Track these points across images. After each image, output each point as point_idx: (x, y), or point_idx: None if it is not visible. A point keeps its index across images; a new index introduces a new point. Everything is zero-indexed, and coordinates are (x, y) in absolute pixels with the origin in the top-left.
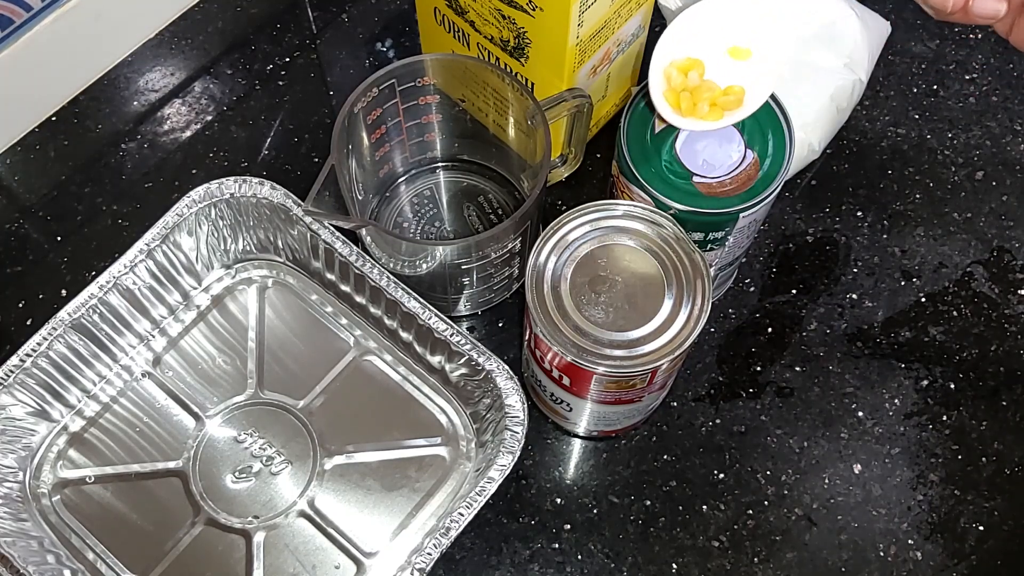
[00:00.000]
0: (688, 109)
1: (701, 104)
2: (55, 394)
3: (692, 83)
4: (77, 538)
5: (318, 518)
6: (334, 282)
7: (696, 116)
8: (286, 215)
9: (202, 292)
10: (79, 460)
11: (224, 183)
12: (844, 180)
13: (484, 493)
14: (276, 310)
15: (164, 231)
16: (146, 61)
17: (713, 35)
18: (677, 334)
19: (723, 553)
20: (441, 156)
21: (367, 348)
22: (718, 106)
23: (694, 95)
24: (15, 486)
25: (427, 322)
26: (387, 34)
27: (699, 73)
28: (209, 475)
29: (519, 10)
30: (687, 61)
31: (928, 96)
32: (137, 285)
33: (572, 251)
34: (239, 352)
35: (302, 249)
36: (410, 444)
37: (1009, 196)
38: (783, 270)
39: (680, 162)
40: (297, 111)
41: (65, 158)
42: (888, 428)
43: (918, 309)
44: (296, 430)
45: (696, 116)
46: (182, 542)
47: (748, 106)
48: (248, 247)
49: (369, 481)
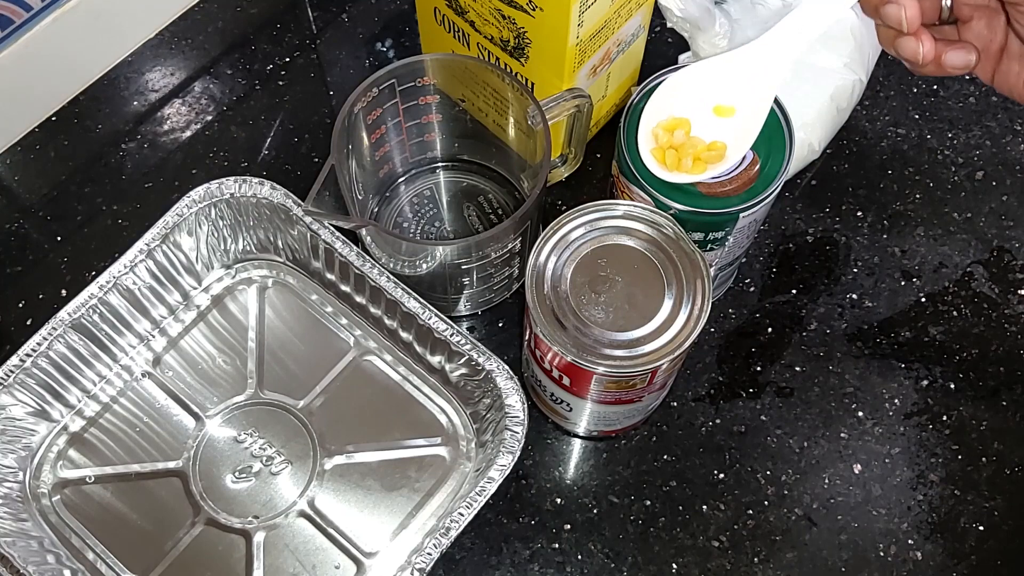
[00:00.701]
0: (673, 164)
1: (685, 160)
2: (55, 394)
3: (678, 141)
4: (77, 538)
5: (318, 518)
6: (334, 282)
7: (681, 170)
8: (286, 215)
9: (202, 292)
10: (79, 460)
11: (224, 183)
12: (844, 180)
13: (484, 493)
14: (276, 310)
15: (164, 231)
16: (146, 61)
17: (700, 95)
18: (677, 334)
19: (723, 553)
20: (441, 156)
21: (367, 348)
22: (702, 160)
23: (679, 152)
24: (15, 486)
25: (427, 322)
26: (387, 34)
27: (684, 131)
28: (209, 475)
29: (519, 10)
30: (672, 121)
31: (928, 96)
32: (137, 285)
33: (572, 251)
34: (239, 352)
35: (302, 249)
36: (410, 444)
37: (1009, 196)
38: (783, 270)
39: None
40: (297, 111)
41: (65, 158)
42: (888, 428)
43: (918, 309)
44: (296, 430)
45: (681, 170)
46: (182, 542)
47: (730, 159)
48: (248, 247)
49: (369, 481)
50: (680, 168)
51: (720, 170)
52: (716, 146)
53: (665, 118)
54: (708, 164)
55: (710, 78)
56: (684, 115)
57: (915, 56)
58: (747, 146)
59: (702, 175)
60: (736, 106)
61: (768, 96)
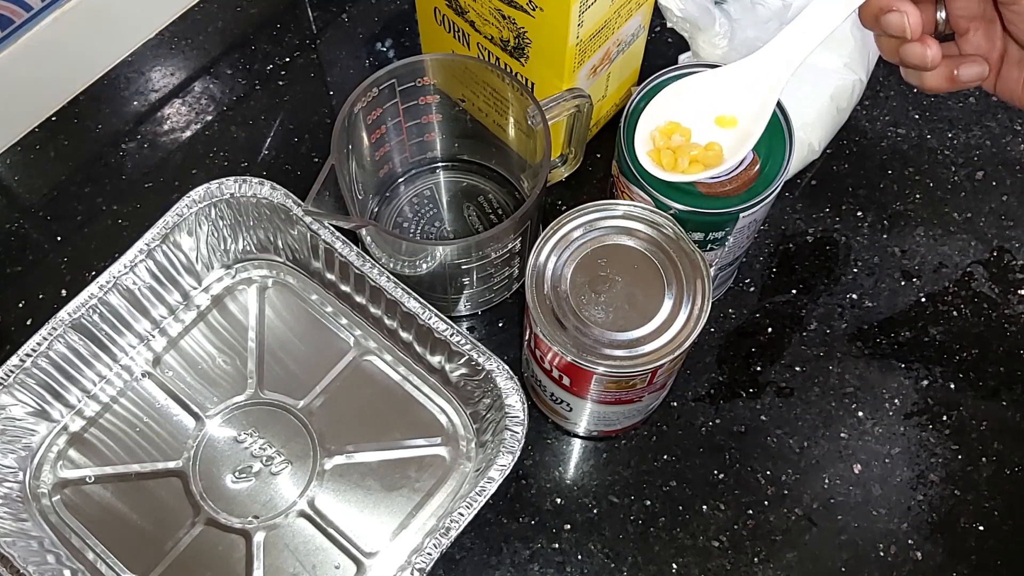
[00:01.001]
0: (670, 165)
1: (682, 159)
2: (55, 394)
3: (675, 143)
4: (77, 538)
5: (318, 518)
6: (334, 282)
7: (677, 171)
8: (286, 215)
9: (202, 292)
10: (79, 460)
11: (224, 183)
12: (844, 180)
13: (484, 493)
14: (276, 310)
15: (164, 231)
16: (146, 61)
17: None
18: (677, 334)
19: (723, 553)
20: (441, 156)
21: (367, 348)
22: (699, 161)
23: (676, 153)
24: (15, 486)
25: (427, 322)
26: (387, 34)
27: (681, 135)
28: (209, 475)
29: (519, 10)
30: (669, 125)
31: (928, 96)
32: (137, 285)
33: (572, 251)
34: (239, 352)
35: (302, 249)
36: (410, 444)
37: (1009, 196)
38: (783, 270)
39: None
40: (297, 111)
41: (65, 158)
42: (888, 428)
43: (918, 309)
44: (296, 430)
45: (677, 171)
46: (182, 542)
47: (727, 163)
48: (248, 247)
49: (369, 481)
50: (676, 168)
51: (717, 171)
52: (713, 147)
53: (664, 123)
54: (705, 165)
55: (711, 89)
56: (685, 124)
57: (923, 61)
58: (746, 151)
59: (700, 175)
60: (738, 116)
61: (769, 106)
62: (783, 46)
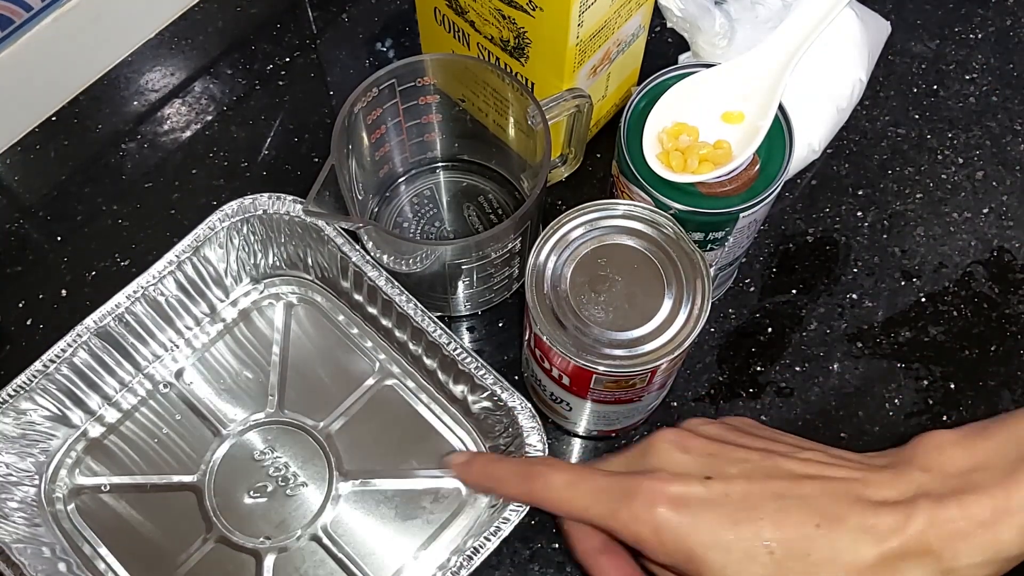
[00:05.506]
0: (679, 166)
1: (691, 160)
2: (76, 400)
3: (683, 144)
4: (89, 547)
5: (329, 543)
6: (362, 304)
7: (687, 171)
8: (318, 234)
9: (229, 305)
10: (96, 467)
11: (258, 199)
12: (844, 180)
13: (499, 534)
14: (302, 327)
15: (195, 243)
16: (146, 61)
17: (707, 102)
18: (677, 334)
19: None
20: (441, 156)
21: (390, 372)
22: (708, 160)
23: (685, 154)
24: (31, 490)
25: (451, 353)
26: (387, 34)
27: (688, 135)
28: (224, 491)
29: (519, 10)
30: (676, 126)
31: (928, 96)
32: (164, 296)
33: (572, 251)
34: (263, 368)
35: (331, 268)
36: (427, 474)
37: (1009, 196)
38: (783, 270)
39: None
40: (297, 111)
41: (65, 158)
42: (888, 428)
43: (918, 309)
44: (314, 451)
45: (687, 171)
46: (192, 558)
47: (736, 159)
48: (278, 262)
49: (383, 509)
50: (687, 169)
51: (726, 169)
52: (722, 145)
53: (670, 125)
54: (715, 164)
55: (715, 86)
56: (692, 124)
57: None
58: (756, 145)
59: (709, 175)
60: (744, 111)
61: (775, 97)
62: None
